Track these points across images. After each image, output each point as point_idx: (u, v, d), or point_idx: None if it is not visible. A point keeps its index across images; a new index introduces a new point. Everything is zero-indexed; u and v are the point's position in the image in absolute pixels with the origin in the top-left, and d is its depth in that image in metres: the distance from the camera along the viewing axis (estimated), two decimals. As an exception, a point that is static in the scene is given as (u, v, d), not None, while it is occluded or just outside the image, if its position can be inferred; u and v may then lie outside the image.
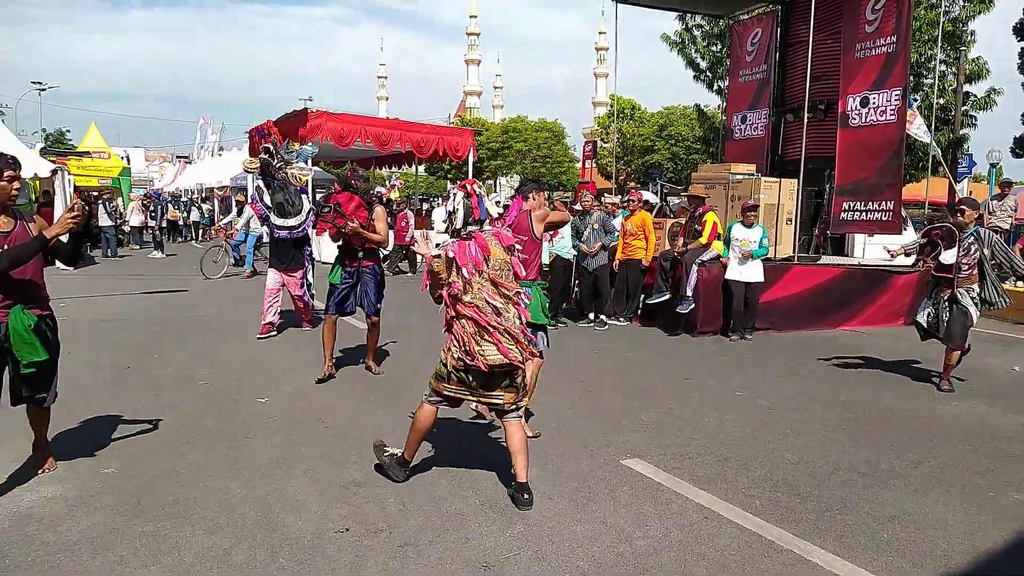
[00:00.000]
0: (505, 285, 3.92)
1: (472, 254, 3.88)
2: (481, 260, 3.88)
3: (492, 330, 3.84)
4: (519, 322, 3.96)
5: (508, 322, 3.90)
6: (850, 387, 6.84)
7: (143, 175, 56.30)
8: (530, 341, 4.15)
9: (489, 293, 3.88)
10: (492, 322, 3.84)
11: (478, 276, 3.87)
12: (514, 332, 3.91)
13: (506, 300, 3.92)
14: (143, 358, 7.23)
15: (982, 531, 3.79)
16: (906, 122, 11.33)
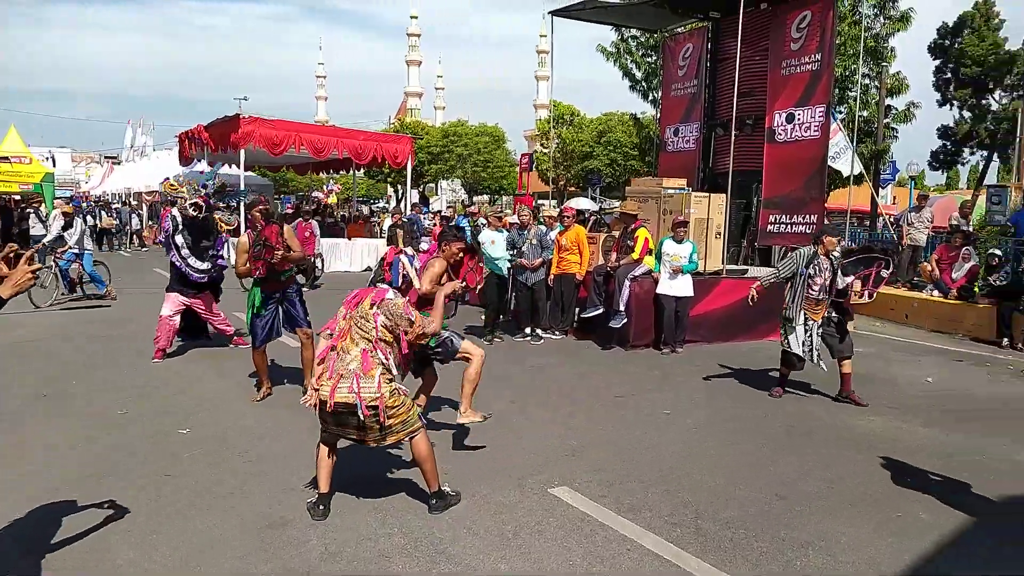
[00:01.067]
0: (359, 331, 4.18)
1: (354, 300, 4.29)
2: (355, 305, 4.25)
3: (327, 368, 4.14)
4: (355, 366, 4.08)
5: (342, 364, 4.10)
6: (773, 403, 7.04)
7: (69, 177, 54.10)
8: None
9: (342, 333, 4.20)
10: (332, 363, 4.14)
11: (344, 322, 4.22)
12: (343, 373, 4.08)
13: (355, 344, 4.15)
14: (59, 384, 6.95)
15: (889, 554, 3.95)
16: (829, 138, 11.75)
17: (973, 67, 20.48)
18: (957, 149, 23.00)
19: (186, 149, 22.56)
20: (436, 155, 41.20)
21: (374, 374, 4.06)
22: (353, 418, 4.07)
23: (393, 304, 4.23)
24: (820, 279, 6.95)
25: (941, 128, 22.74)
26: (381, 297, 4.25)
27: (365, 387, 4.02)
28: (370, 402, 4.02)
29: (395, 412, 4.13)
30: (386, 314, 4.19)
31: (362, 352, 4.11)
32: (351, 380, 4.03)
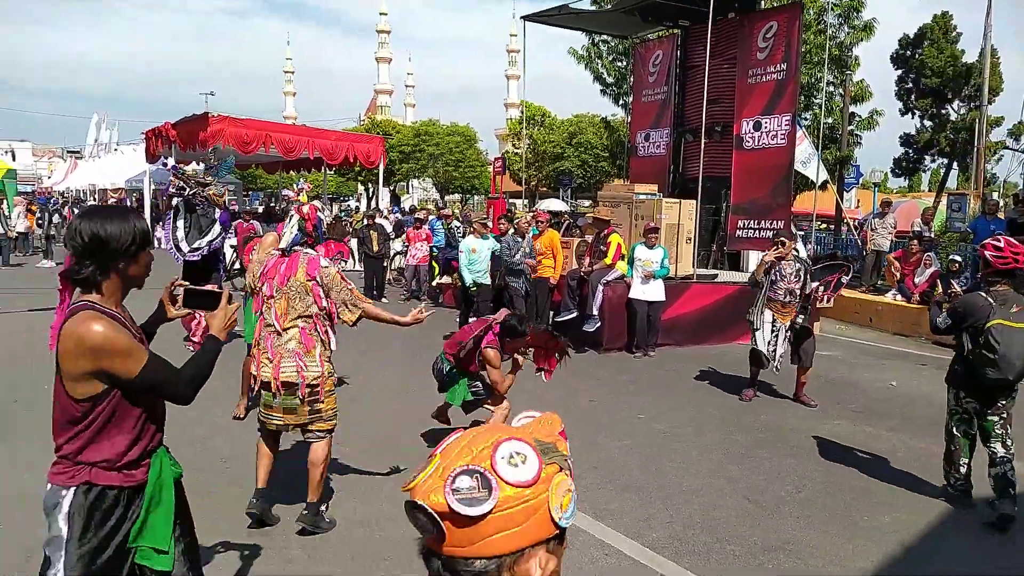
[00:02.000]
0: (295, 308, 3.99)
1: (281, 271, 4.03)
2: (285, 280, 4.00)
3: (265, 348, 4.01)
4: (295, 345, 3.96)
5: (280, 344, 3.96)
6: (740, 408, 7.22)
7: (30, 171, 52.89)
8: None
9: (277, 314, 3.98)
10: (269, 342, 3.98)
11: (275, 295, 4.00)
12: (283, 353, 3.95)
13: (293, 321, 3.98)
14: (34, 392, 6.85)
15: (856, 556, 4.12)
16: (795, 146, 12.02)
17: (933, 78, 21.03)
18: (919, 156, 23.58)
19: (153, 147, 22.25)
20: (407, 154, 41.06)
21: (315, 353, 3.98)
22: (289, 398, 3.97)
23: (328, 274, 4.04)
24: (784, 283, 7.14)
25: (903, 136, 23.30)
26: (316, 267, 4.03)
27: (309, 366, 3.95)
28: (311, 381, 3.95)
29: (330, 396, 4.08)
30: (325, 285, 4.00)
31: (300, 331, 3.97)
32: (294, 359, 3.93)
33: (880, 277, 13.95)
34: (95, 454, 2.22)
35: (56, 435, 2.25)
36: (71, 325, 2.17)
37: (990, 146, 20.23)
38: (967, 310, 4.65)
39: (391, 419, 6.40)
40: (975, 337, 4.55)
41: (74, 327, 2.16)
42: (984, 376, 4.50)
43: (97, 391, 2.20)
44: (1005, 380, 4.47)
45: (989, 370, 4.45)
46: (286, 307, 3.97)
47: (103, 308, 2.23)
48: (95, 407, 2.20)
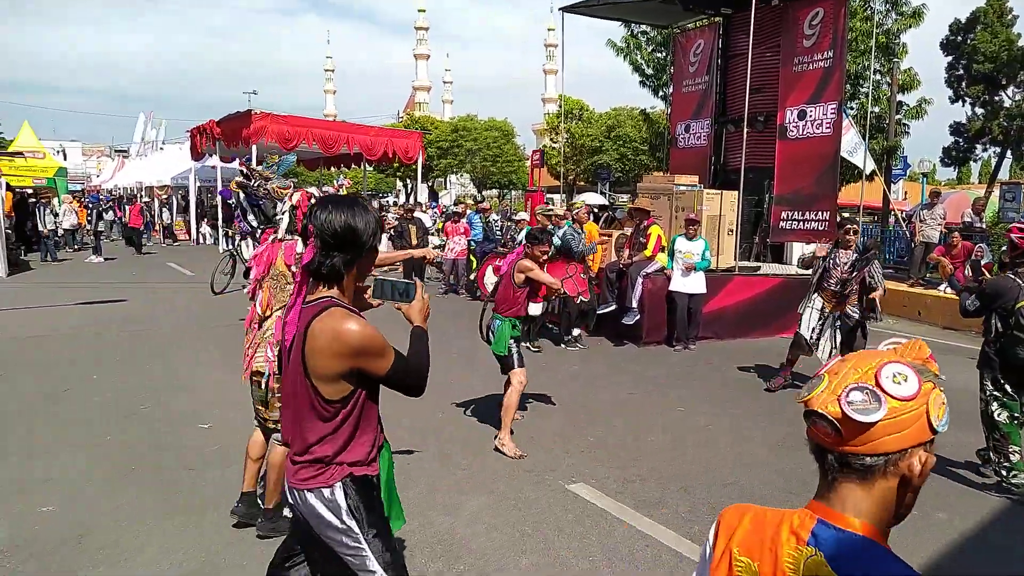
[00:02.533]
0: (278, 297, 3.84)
1: (265, 260, 3.91)
2: (267, 267, 3.88)
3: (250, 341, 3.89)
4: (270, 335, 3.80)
5: (260, 334, 3.84)
6: (786, 399, 7.08)
7: (80, 170, 54.41)
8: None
9: (260, 301, 3.86)
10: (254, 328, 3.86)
11: (260, 280, 3.87)
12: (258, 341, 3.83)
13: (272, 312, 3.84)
14: (81, 381, 7.05)
15: (909, 553, 3.98)
16: (841, 135, 11.74)
17: (986, 63, 20.35)
18: (969, 145, 22.88)
19: (198, 144, 22.69)
20: (445, 150, 41.21)
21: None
22: (259, 391, 3.85)
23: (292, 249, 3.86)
24: (836, 272, 7.03)
25: (953, 125, 22.63)
26: (292, 251, 3.85)
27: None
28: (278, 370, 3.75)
29: None
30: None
31: (277, 319, 3.79)
32: (267, 348, 3.80)
33: (929, 270, 13.56)
34: (350, 455, 2.20)
35: (298, 436, 2.20)
36: (326, 323, 2.10)
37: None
38: (996, 292, 4.75)
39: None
40: (1005, 319, 4.65)
41: (331, 325, 2.09)
42: (1016, 356, 4.55)
43: (347, 392, 2.16)
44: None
45: (1020, 349, 4.52)
46: (268, 296, 3.85)
47: (348, 305, 2.19)
48: (344, 407, 2.17)
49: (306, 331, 2.12)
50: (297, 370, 2.16)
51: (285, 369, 2.25)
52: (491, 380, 7.36)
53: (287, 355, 2.22)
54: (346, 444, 2.18)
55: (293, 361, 2.17)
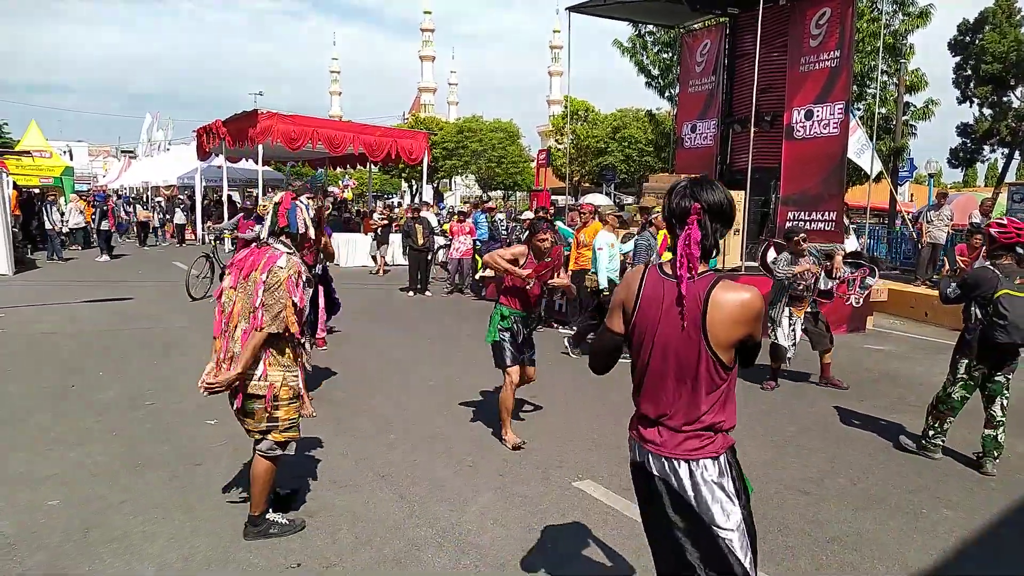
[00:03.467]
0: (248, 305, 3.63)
1: (247, 263, 3.70)
2: (247, 273, 3.67)
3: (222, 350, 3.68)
4: (238, 348, 3.60)
5: (231, 348, 3.63)
6: (794, 398, 7.05)
7: (87, 171, 54.59)
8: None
9: (234, 310, 3.66)
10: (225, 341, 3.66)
11: (236, 288, 3.68)
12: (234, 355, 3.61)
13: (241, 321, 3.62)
14: (87, 376, 7.06)
15: (915, 551, 3.97)
16: (848, 135, 11.70)
17: (994, 64, 20.27)
18: (977, 147, 22.80)
19: (204, 144, 22.74)
20: (450, 151, 41.25)
21: (259, 357, 3.62)
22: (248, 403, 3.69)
23: (276, 276, 3.61)
24: (803, 280, 7.26)
25: (960, 126, 22.56)
26: (271, 264, 3.64)
27: (254, 374, 3.62)
28: (252, 390, 3.63)
29: (285, 405, 3.72)
30: (267, 284, 3.59)
31: (243, 333, 3.60)
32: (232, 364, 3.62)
33: (936, 271, 13.50)
34: (730, 422, 2.33)
35: (686, 406, 2.29)
36: (730, 294, 2.21)
37: (1055, 134, 19.47)
38: (976, 282, 5.15)
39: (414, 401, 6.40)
40: (984, 307, 5.08)
41: (736, 295, 2.21)
42: (995, 340, 4.98)
43: (732, 359, 2.28)
44: (1014, 343, 4.97)
45: (999, 334, 4.95)
46: (240, 305, 3.64)
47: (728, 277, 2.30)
48: (729, 374, 2.28)
49: (706, 303, 2.20)
50: (690, 341, 2.24)
51: (658, 342, 2.30)
52: (498, 378, 7.36)
53: (656, 329, 2.28)
54: (729, 412, 2.31)
55: (675, 334, 2.25)
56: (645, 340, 2.34)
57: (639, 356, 2.38)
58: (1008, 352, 5.11)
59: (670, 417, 2.31)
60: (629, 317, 2.38)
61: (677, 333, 2.25)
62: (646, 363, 2.35)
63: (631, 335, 2.40)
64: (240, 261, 3.74)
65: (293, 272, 3.64)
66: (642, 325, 2.34)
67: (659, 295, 2.30)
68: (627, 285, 2.41)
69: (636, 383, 2.44)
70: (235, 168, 24.94)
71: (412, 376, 7.46)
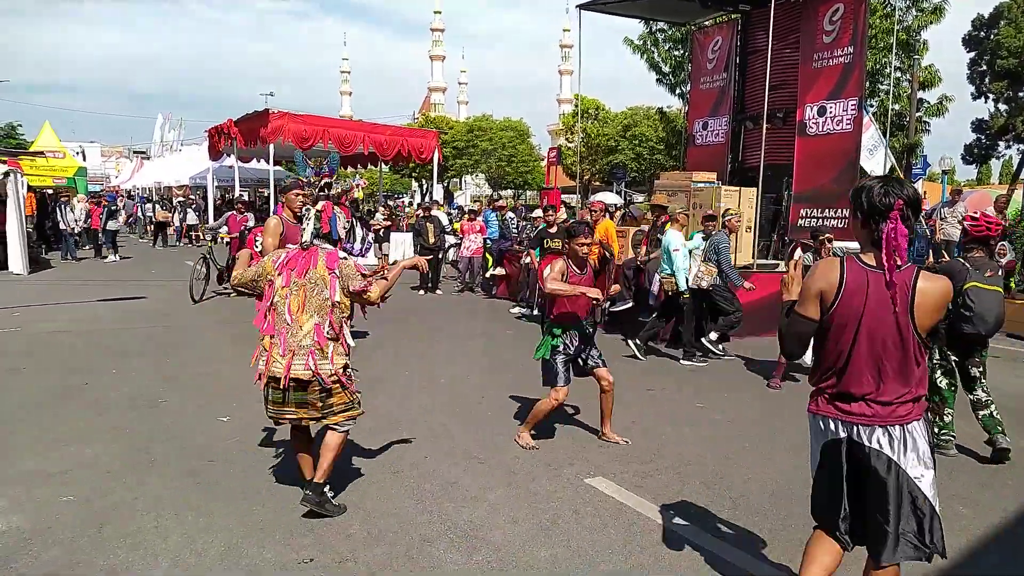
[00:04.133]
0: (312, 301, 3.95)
1: (300, 264, 3.99)
2: (303, 272, 3.96)
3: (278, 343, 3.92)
4: (309, 342, 3.90)
5: (294, 339, 3.90)
6: (806, 395, 6.99)
7: (99, 171, 54.97)
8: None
9: (291, 308, 3.94)
10: (283, 337, 3.91)
11: (290, 287, 3.95)
12: (295, 349, 3.89)
13: (309, 317, 3.92)
14: (100, 375, 7.10)
15: (931, 548, 3.92)
16: (862, 131, 11.62)
17: (1010, 59, 20.09)
18: (992, 143, 22.60)
19: (216, 144, 22.83)
20: (461, 150, 41.27)
21: (328, 349, 3.92)
22: (300, 393, 3.93)
23: (346, 265, 4.02)
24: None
25: (976, 122, 22.41)
26: (335, 260, 4.00)
27: (321, 365, 3.90)
28: (325, 377, 3.92)
29: (343, 392, 4.04)
30: (343, 276, 3.97)
31: (315, 327, 3.92)
32: (307, 356, 3.88)
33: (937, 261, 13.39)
34: (925, 388, 2.73)
35: (898, 380, 2.62)
36: (934, 283, 2.57)
37: (1071, 131, 19.26)
38: (947, 273, 5.19)
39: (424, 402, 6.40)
40: (954, 298, 5.07)
41: (938, 285, 2.58)
42: (961, 331, 5.18)
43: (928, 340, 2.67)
44: (979, 334, 5.17)
45: (965, 326, 5.15)
46: (303, 300, 3.93)
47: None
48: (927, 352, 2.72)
49: (913, 291, 2.53)
50: (899, 326, 2.56)
51: (864, 327, 2.60)
52: (507, 377, 7.37)
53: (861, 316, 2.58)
54: (924, 382, 2.70)
55: (883, 320, 2.56)
56: (848, 325, 2.61)
57: (839, 340, 2.65)
58: (974, 342, 5.31)
59: (880, 393, 2.61)
60: (829, 305, 2.63)
61: (886, 319, 2.55)
62: (850, 346, 2.63)
63: (830, 321, 2.65)
64: (290, 263, 4.00)
65: (353, 262, 4.11)
66: (845, 312, 2.60)
67: (862, 284, 2.57)
68: (824, 275, 2.65)
69: (830, 365, 2.71)
70: (247, 168, 25.03)
71: (421, 374, 7.46)
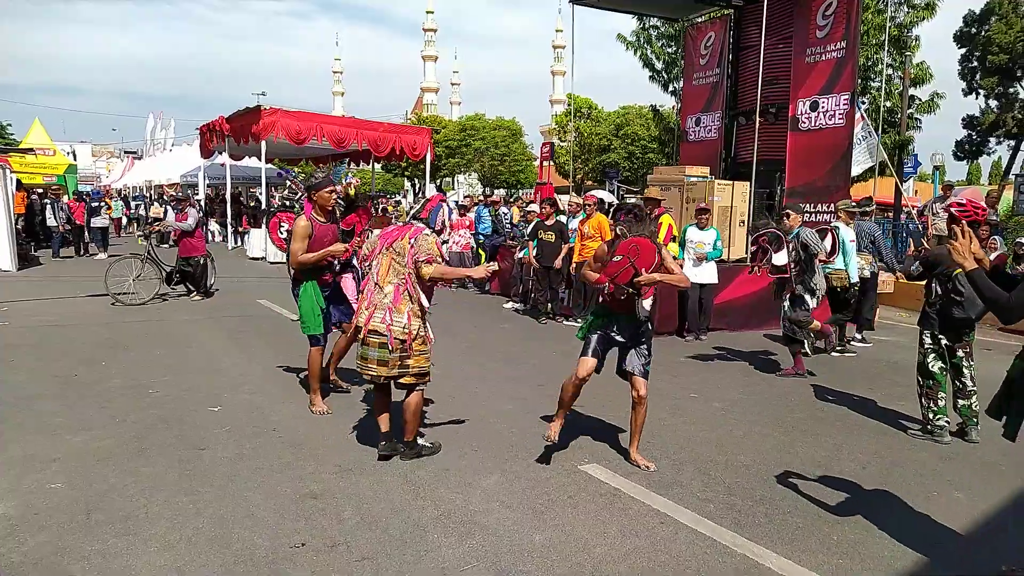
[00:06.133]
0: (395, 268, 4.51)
1: (392, 235, 4.58)
2: (392, 242, 4.53)
3: (365, 298, 4.54)
4: (388, 301, 4.44)
5: (376, 297, 4.48)
6: (799, 387, 7.00)
7: (90, 171, 54.62)
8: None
9: (379, 272, 4.52)
10: (370, 294, 4.50)
11: (381, 255, 4.54)
12: (377, 304, 4.46)
13: (391, 280, 4.49)
14: (90, 366, 7.03)
15: (926, 530, 3.92)
16: (854, 126, 11.63)
17: (1000, 55, 20.18)
18: (983, 139, 22.69)
19: (207, 141, 22.72)
20: (453, 149, 41.24)
21: (403, 309, 4.44)
22: (378, 349, 4.45)
23: (425, 239, 4.52)
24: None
25: (967, 118, 22.47)
26: (417, 234, 4.52)
27: (396, 321, 4.41)
28: (398, 335, 4.42)
29: (417, 354, 4.51)
30: (418, 248, 4.47)
31: (395, 288, 4.46)
32: (384, 312, 4.42)
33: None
34: None
35: None
36: None
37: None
38: (937, 260, 5.46)
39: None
40: (944, 283, 5.40)
41: None
42: (953, 316, 5.36)
43: None
44: (969, 318, 5.37)
45: (956, 310, 5.34)
46: (388, 266, 4.49)
47: None
48: None
49: None
50: None
51: None
52: (501, 368, 7.35)
53: None
54: None
55: None
56: None
57: None
58: (964, 326, 5.47)
59: None
60: None
61: None
62: None
63: None
64: (387, 235, 4.59)
65: (434, 239, 4.62)
66: None
67: None
68: None
69: None
70: (239, 166, 24.92)
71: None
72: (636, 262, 4.35)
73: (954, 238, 5.24)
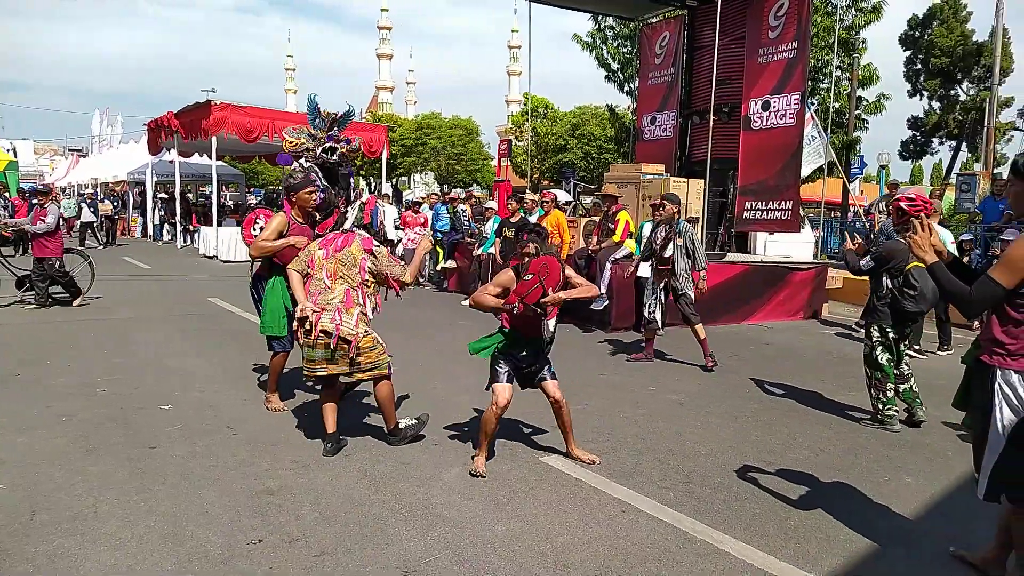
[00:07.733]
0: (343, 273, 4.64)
1: (339, 243, 4.68)
2: (340, 248, 4.65)
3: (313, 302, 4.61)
4: (338, 302, 4.56)
5: (324, 298, 4.57)
6: (753, 380, 7.12)
7: (33, 169, 52.82)
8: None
9: (327, 273, 4.62)
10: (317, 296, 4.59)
11: (329, 259, 4.64)
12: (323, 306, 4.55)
13: (341, 284, 4.61)
14: (33, 366, 6.79)
15: (880, 515, 4.02)
16: (804, 126, 11.89)
17: (942, 58, 20.86)
18: (927, 139, 23.43)
19: (155, 138, 22.17)
20: (409, 148, 40.96)
21: (353, 312, 4.56)
22: (324, 350, 4.53)
23: (382, 254, 4.72)
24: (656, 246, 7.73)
25: (911, 119, 23.18)
26: (369, 246, 4.68)
27: (345, 322, 4.51)
28: (345, 335, 4.50)
29: (366, 352, 4.60)
30: (373, 262, 4.65)
31: (345, 291, 4.59)
32: (333, 312, 4.51)
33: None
34: None
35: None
36: None
37: (1000, 127, 20.06)
38: (890, 254, 5.52)
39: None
40: (895, 277, 5.48)
41: None
42: (904, 309, 5.44)
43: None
44: (920, 311, 5.52)
45: (909, 304, 5.41)
46: (335, 270, 4.60)
47: None
48: None
49: None
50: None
51: None
52: (458, 364, 7.33)
53: None
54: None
55: None
56: None
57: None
58: (911, 319, 5.62)
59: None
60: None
61: None
62: None
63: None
64: (330, 241, 4.72)
65: (387, 250, 4.84)
66: None
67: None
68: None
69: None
70: (188, 163, 24.37)
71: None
72: (546, 281, 4.24)
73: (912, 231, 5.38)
